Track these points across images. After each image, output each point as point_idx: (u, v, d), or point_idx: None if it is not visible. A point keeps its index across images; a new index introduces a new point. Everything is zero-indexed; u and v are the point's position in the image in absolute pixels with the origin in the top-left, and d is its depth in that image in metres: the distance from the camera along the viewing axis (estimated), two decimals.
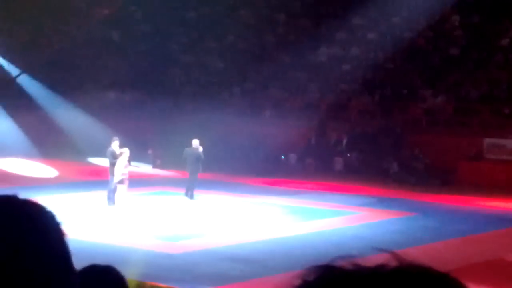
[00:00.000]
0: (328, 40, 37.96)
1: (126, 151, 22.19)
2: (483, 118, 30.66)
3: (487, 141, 29.09)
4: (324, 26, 38.82)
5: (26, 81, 39.62)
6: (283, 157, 32.80)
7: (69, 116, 36.18)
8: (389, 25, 36.96)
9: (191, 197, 24.10)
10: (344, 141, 32.35)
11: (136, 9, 46.11)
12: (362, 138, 31.95)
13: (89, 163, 32.51)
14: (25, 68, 40.13)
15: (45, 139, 34.26)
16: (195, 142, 24.49)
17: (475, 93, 31.70)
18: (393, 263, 1.33)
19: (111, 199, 22.14)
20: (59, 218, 1.83)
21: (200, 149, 24.34)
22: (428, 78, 33.43)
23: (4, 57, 40.55)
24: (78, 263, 1.77)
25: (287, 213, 22.02)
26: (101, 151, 24.63)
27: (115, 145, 22.43)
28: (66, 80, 40.16)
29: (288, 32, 40.12)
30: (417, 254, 16.72)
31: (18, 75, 39.84)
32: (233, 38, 41.32)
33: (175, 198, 24.22)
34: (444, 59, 34.15)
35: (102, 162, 26.48)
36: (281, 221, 20.77)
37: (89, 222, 19.82)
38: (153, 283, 13.76)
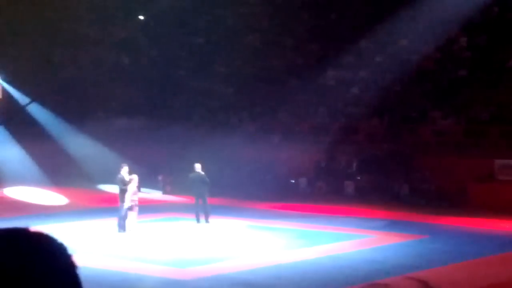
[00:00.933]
0: (336, 63, 38.01)
1: (135, 178, 22.22)
2: (493, 139, 30.59)
3: (498, 162, 29.00)
4: (332, 49, 38.89)
5: (36, 109, 39.79)
6: (293, 181, 32.76)
7: (78, 144, 36.29)
8: (397, 48, 36.99)
9: (200, 220, 24.12)
10: (354, 165, 32.31)
11: (145, 35, 46.34)
12: (372, 161, 31.89)
13: (99, 190, 32.55)
14: (35, 96, 40.30)
15: (55, 167, 34.35)
16: (198, 166, 24.68)
17: (485, 114, 31.65)
18: None
19: (121, 226, 22.14)
20: (70, 249, 1.83)
21: (203, 172, 24.48)
22: (437, 100, 33.41)
23: (14, 86, 40.76)
24: None
25: (298, 237, 21.96)
26: (111, 178, 24.66)
27: (124, 171, 22.48)
28: (76, 107, 40.34)
29: (296, 56, 40.22)
30: (428, 277, 16.68)
31: (28, 104, 40.01)
32: (241, 63, 41.44)
33: (186, 224, 24.21)
34: (453, 81, 34.14)
35: (112, 189, 26.50)
36: (292, 245, 20.71)
37: (100, 249, 19.81)
38: None
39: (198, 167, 24.75)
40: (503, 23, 35.78)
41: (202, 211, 24.36)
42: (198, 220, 24.27)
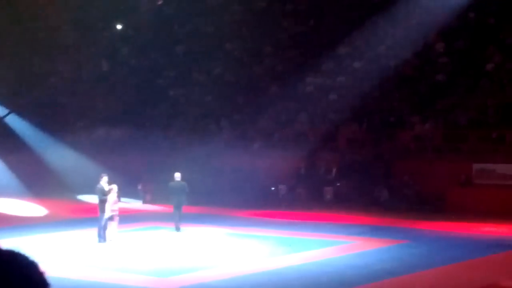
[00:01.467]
0: (315, 70, 38.09)
1: (115, 187, 22.14)
2: (471, 143, 30.75)
3: (476, 166, 29.14)
4: (311, 56, 38.98)
5: (13, 121, 39.57)
6: (273, 188, 32.76)
7: (57, 154, 36.12)
8: (375, 53, 37.14)
9: (178, 229, 24.14)
10: (334, 170, 32.36)
11: (124, 44, 46.25)
12: (351, 167, 31.96)
13: (79, 201, 32.40)
14: (13, 108, 40.08)
15: (34, 178, 34.14)
16: (178, 175, 24.73)
17: (463, 119, 31.81)
18: None
19: (101, 236, 22.04)
20: (42, 266, 1.80)
21: (184, 181, 24.49)
22: (416, 105, 33.54)
23: None
24: None
25: (278, 244, 21.94)
26: (90, 188, 24.55)
27: (104, 181, 22.38)
28: (54, 118, 40.16)
29: (275, 63, 40.27)
30: (410, 281, 16.72)
31: (6, 115, 39.78)
32: (220, 71, 41.44)
33: (166, 233, 24.14)
34: (431, 86, 34.29)
35: (91, 199, 26.39)
36: (274, 252, 20.69)
37: (80, 260, 19.70)
38: None
39: (177, 176, 24.79)
40: (480, 27, 36.00)
41: (176, 218, 24.38)
42: (177, 228, 24.23)
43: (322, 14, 41.64)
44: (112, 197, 22.02)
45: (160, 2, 45.69)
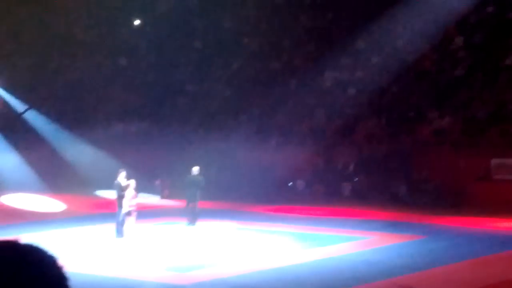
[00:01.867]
0: (333, 64, 38.01)
1: (132, 183, 22.18)
2: (490, 138, 30.57)
3: (495, 161, 28.97)
4: (329, 50, 38.89)
5: (32, 116, 39.78)
6: (290, 183, 32.73)
7: (76, 150, 36.28)
8: (393, 48, 36.99)
9: (193, 223, 24.21)
10: (352, 166, 32.29)
11: (143, 39, 46.34)
12: (370, 162, 31.88)
13: (97, 196, 32.53)
14: (32, 103, 40.29)
15: (53, 174, 34.33)
16: (195, 169, 24.69)
17: (482, 113, 31.63)
18: None
19: (119, 231, 22.10)
20: (61, 260, 1.81)
21: (201, 176, 24.45)
22: (435, 99, 33.39)
23: (10, 93, 40.75)
24: None
25: (296, 240, 21.94)
26: (108, 184, 24.64)
27: (121, 177, 22.44)
28: (73, 114, 40.34)
29: (293, 58, 40.21)
30: (427, 277, 16.67)
31: (25, 111, 39.99)
32: (238, 66, 41.45)
33: (184, 228, 24.19)
34: (450, 80, 34.13)
35: (109, 194, 26.48)
36: (291, 248, 20.69)
37: (98, 255, 19.78)
38: None
39: (195, 170, 24.79)
40: (499, 21, 35.78)
41: (191, 213, 24.35)
42: (191, 223, 24.40)
43: (340, 8, 41.51)
44: (130, 192, 22.07)
45: None
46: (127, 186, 22.04)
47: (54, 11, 47.15)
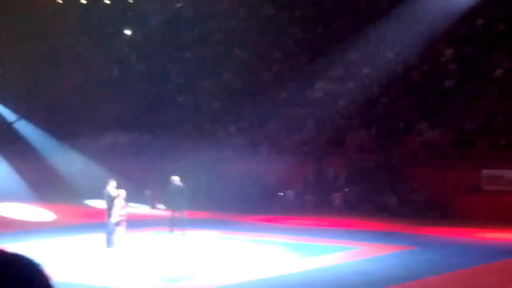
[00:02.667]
0: (324, 76, 38.12)
1: (122, 193, 22.14)
2: (480, 149, 30.67)
3: (485, 172, 29.07)
4: (319, 62, 39.01)
5: (23, 126, 39.71)
6: (281, 194, 32.74)
7: (65, 160, 36.20)
8: (383, 60, 37.11)
9: (183, 233, 24.27)
10: (342, 177, 32.32)
11: (133, 50, 46.35)
12: (360, 173, 31.92)
13: (86, 206, 32.43)
14: (22, 113, 40.25)
15: (42, 183, 34.24)
16: (176, 178, 24.80)
17: (472, 125, 31.75)
18: None
19: (109, 241, 22.03)
20: (48, 270, 1.79)
21: (184, 185, 24.62)
22: (424, 111, 33.50)
23: (1, 103, 40.69)
24: None
25: (286, 250, 21.91)
26: (98, 193, 24.58)
27: (111, 187, 22.40)
28: (63, 124, 40.28)
29: (283, 69, 40.29)
30: (419, 287, 16.66)
31: (15, 121, 39.93)
32: (228, 77, 41.49)
33: (174, 239, 24.14)
34: (440, 92, 34.25)
35: (99, 204, 26.42)
36: (281, 258, 20.66)
37: (88, 265, 19.70)
38: None
39: (176, 179, 24.91)
40: (488, 34, 35.97)
41: (179, 223, 24.44)
42: (171, 232, 24.53)
43: (331, 20, 41.67)
44: (119, 202, 22.02)
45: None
46: (117, 196, 21.99)
47: (45, 22, 47.16)
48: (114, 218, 21.89)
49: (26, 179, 34.97)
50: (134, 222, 24.13)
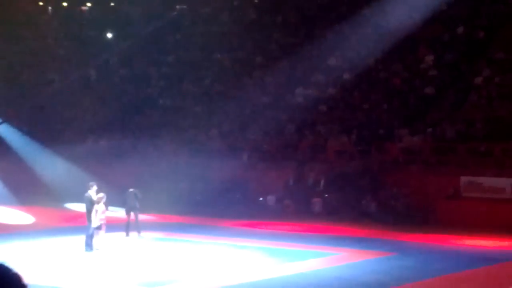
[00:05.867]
0: (305, 81, 38.18)
1: (103, 196, 22.10)
2: (460, 156, 30.82)
3: (464, 179, 29.20)
4: (300, 67, 39.08)
5: (2, 129, 39.51)
6: (261, 199, 32.74)
7: (45, 163, 36.03)
8: (365, 65, 37.21)
9: (139, 235, 24.85)
10: (322, 182, 32.36)
11: (114, 53, 46.25)
12: (340, 179, 31.97)
13: (66, 209, 32.31)
14: (2, 117, 40.04)
15: (22, 186, 34.06)
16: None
17: (452, 132, 31.89)
18: None
19: (88, 245, 21.99)
20: (27, 276, 1.77)
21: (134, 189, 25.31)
22: (405, 117, 33.62)
23: None
24: None
25: (266, 255, 21.92)
26: (78, 197, 24.50)
27: (92, 190, 22.35)
28: (43, 127, 40.11)
29: (265, 74, 40.31)
30: None
31: None
32: (209, 81, 41.48)
33: (154, 243, 24.10)
34: (420, 99, 34.39)
35: (78, 207, 26.33)
36: (261, 263, 20.66)
37: (67, 268, 19.62)
38: None
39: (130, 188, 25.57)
40: (469, 41, 36.18)
41: (135, 225, 24.98)
42: (127, 234, 24.99)
43: (312, 26, 41.76)
44: (101, 206, 21.98)
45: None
46: (99, 200, 21.95)
47: (27, 25, 46.98)
48: (94, 222, 21.84)
49: (6, 181, 34.78)
50: (113, 226, 24.08)
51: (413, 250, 23.02)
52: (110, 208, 23.70)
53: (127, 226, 25.15)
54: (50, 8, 49.89)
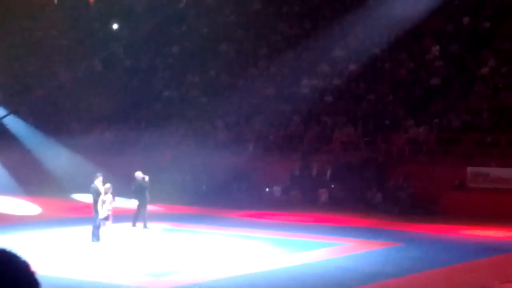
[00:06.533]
0: (310, 72, 38.14)
1: (109, 187, 22.15)
2: (465, 147, 30.81)
3: (470, 170, 29.20)
4: (306, 58, 39.04)
5: (9, 120, 39.59)
6: (267, 189, 32.77)
7: (53, 154, 36.09)
8: (370, 56, 37.16)
9: (145, 226, 24.69)
10: (328, 173, 32.38)
11: (119, 44, 46.24)
12: (346, 170, 31.99)
13: (73, 200, 32.39)
14: (9, 108, 40.10)
15: (29, 177, 34.15)
16: (138, 174, 25.01)
17: (457, 123, 31.87)
18: None
19: (95, 235, 22.06)
20: (34, 265, 1.79)
21: (146, 178, 24.85)
22: (410, 108, 33.59)
23: None
24: None
25: (272, 246, 21.97)
26: (85, 188, 24.55)
27: (98, 181, 22.41)
28: (50, 118, 40.15)
29: (270, 65, 40.27)
30: (402, 284, 16.76)
31: (4, 116, 39.79)
32: (215, 72, 41.46)
33: (161, 234, 24.16)
34: (426, 90, 34.36)
35: (85, 198, 26.39)
36: (267, 254, 20.71)
37: (74, 259, 19.69)
38: None
39: (139, 174, 25.16)
40: (475, 32, 36.11)
41: (142, 217, 24.88)
42: (134, 225, 24.93)
43: (318, 17, 41.71)
44: (108, 197, 22.04)
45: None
46: (106, 191, 22.01)
47: (32, 17, 47.00)
48: (102, 213, 21.90)
49: (13, 172, 34.88)
50: (120, 217, 24.14)
51: (419, 240, 23.05)
52: (117, 198, 23.73)
53: (135, 217, 25.09)
54: None
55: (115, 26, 47.87)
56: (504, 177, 28.58)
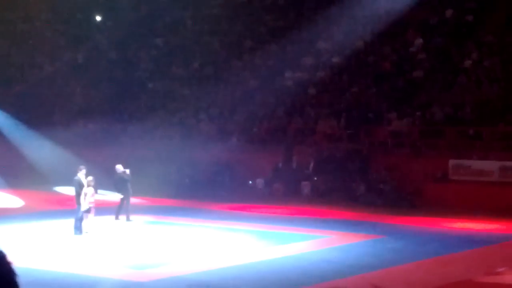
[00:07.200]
0: (294, 64, 38.16)
1: (91, 179, 22.11)
2: (448, 139, 30.93)
3: (452, 162, 29.32)
4: (290, 50, 39.05)
5: None
6: (250, 182, 32.80)
7: (35, 146, 35.96)
8: (354, 49, 37.23)
9: (128, 219, 24.70)
10: (311, 165, 32.43)
11: (103, 36, 46.07)
12: (329, 162, 32.06)
13: (55, 192, 32.28)
14: None
15: (11, 170, 34.00)
16: (119, 167, 24.96)
17: (440, 115, 31.98)
18: None
19: (78, 228, 22.01)
20: (9, 256, 1.79)
21: (128, 171, 24.80)
22: (393, 101, 33.68)
23: None
24: None
25: (255, 238, 21.99)
26: (67, 180, 24.49)
27: (82, 174, 22.37)
28: (32, 110, 39.98)
29: (254, 57, 40.26)
30: (385, 276, 16.81)
31: None
32: (199, 64, 41.41)
33: (144, 226, 24.14)
34: (409, 82, 34.45)
35: (68, 191, 26.30)
36: (250, 246, 20.73)
37: (56, 251, 19.64)
38: None
39: (119, 167, 25.10)
40: (458, 24, 36.21)
41: (125, 210, 24.85)
42: (117, 217, 24.92)
43: (302, 9, 41.71)
44: (90, 189, 22.00)
45: None
46: (88, 183, 21.97)
47: (15, 8, 46.73)
48: (84, 206, 21.86)
49: None
50: (102, 209, 24.10)
51: (401, 232, 23.13)
52: (99, 191, 23.69)
53: (118, 210, 25.10)
54: None
55: (99, 18, 47.68)
56: (486, 169, 28.73)
